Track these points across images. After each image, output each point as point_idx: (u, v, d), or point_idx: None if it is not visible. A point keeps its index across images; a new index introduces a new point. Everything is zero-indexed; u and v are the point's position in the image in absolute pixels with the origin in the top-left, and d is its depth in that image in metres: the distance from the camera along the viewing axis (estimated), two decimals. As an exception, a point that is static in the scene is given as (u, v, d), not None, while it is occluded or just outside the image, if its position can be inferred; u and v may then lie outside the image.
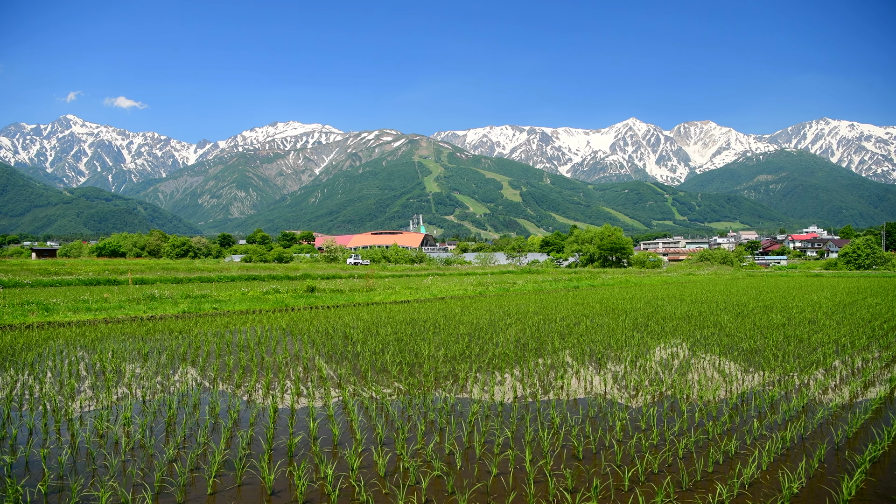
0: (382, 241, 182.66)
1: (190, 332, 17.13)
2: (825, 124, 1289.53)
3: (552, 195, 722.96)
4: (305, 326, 18.36)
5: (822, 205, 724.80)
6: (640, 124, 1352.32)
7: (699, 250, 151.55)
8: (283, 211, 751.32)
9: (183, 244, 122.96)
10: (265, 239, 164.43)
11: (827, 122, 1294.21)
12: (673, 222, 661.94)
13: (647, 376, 10.83)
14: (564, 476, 6.09)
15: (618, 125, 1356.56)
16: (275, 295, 29.64)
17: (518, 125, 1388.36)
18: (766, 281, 58.64)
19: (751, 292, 35.87)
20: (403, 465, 6.42)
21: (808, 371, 11.24)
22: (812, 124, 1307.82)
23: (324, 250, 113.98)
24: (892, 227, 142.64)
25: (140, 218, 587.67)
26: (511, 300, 29.67)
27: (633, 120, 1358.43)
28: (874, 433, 7.49)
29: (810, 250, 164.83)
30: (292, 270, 61.97)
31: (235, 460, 6.42)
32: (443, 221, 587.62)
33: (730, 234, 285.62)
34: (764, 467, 6.36)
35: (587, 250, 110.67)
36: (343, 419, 8.25)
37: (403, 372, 11.05)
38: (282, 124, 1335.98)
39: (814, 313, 22.06)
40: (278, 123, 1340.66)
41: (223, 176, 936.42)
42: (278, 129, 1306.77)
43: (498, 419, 8.21)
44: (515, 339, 15.17)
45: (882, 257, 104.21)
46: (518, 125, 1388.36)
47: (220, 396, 9.50)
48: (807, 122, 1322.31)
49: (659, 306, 25.16)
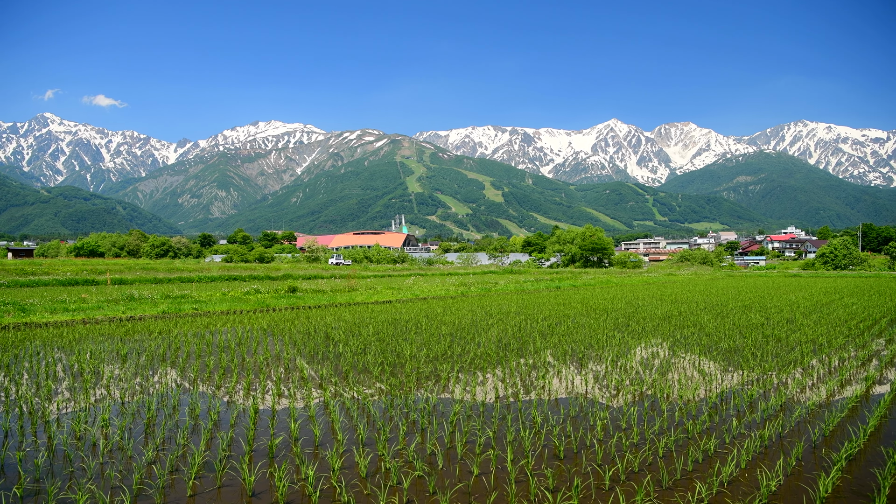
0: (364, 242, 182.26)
1: (170, 332, 16.98)
2: (803, 126, 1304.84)
3: (534, 196, 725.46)
4: (287, 327, 18.28)
5: (800, 206, 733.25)
6: (622, 125, 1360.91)
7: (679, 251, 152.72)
8: (265, 211, 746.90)
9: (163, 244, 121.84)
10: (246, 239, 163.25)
11: (805, 124, 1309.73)
12: (654, 223, 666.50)
13: (628, 376, 10.89)
14: (546, 475, 6.11)
15: (599, 126, 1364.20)
16: (256, 295, 29.46)
17: (500, 126, 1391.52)
18: (745, 281, 59.23)
19: (730, 292, 36.21)
20: (385, 466, 6.42)
21: (787, 370, 11.37)
22: (790, 126, 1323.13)
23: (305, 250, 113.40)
24: (868, 228, 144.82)
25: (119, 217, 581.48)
26: (493, 300, 29.72)
27: (615, 121, 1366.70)
28: (850, 431, 7.59)
29: (788, 251, 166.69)
30: (274, 271, 61.63)
31: (215, 462, 6.38)
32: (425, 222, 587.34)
33: (710, 234, 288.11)
34: (743, 466, 6.43)
35: (569, 251, 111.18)
36: (324, 420, 8.22)
37: (385, 372, 11.03)
38: (263, 123, 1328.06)
39: (792, 313, 22.32)
40: (260, 123, 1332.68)
41: (204, 175, 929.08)
42: (260, 129, 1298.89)
43: (479, 419, 8.22)
44: (497, 339, 15.20)
45: (858, 258, 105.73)
46: (500, 126, 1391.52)
47: (201, 397, 9.43)
48: (785, 124, 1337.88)
49: (640, 306, 25.33)
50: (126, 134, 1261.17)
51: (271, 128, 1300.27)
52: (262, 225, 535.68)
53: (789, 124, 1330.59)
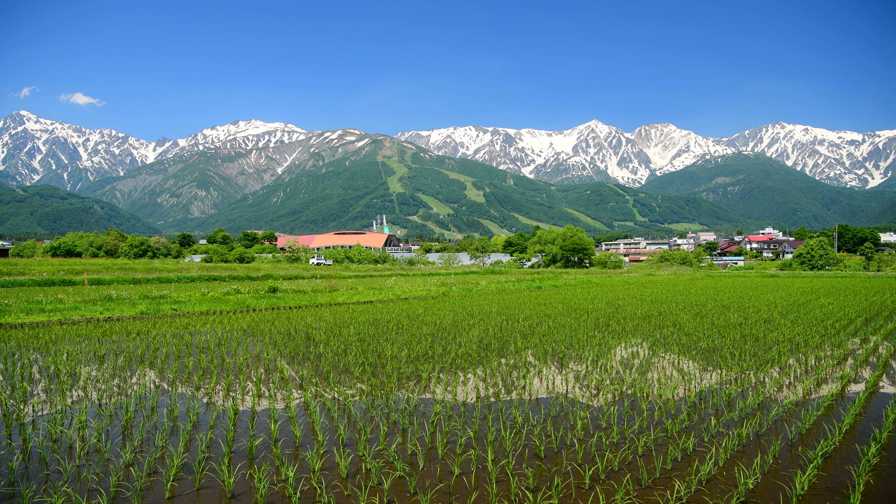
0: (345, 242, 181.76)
1: (148, 333, 16.81)
2: (781, 128, 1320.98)
3: (515, 196, 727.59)
4: (267, 327, 18.18)
5: (777, 207, 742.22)
6: (602, 126, 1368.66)
7: (659, 251, 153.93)
8: (245, 210, 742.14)
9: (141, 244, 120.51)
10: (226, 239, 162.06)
11: (783, 126, 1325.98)
12: (634, 223, 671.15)
13: (608, 375, 10.95)
14: (526, 475, 6.13)
15: (580, 127, 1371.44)
16: (236, 295, 29.26)
17: (482, 126, 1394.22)
18: (723, 281, 59.79)
19: (709, 292, 36.54)
20: (365, 467, 6.40)
21: (764, 369, 11.49)
22: (768, 128, 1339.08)
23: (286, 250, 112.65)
24: (844, 229, 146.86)
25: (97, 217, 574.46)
26: (474, 300, 29.75)
27: (596, 122, 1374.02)
28: (826, 429, 7.69)
29: (766, 251, 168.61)
30: (254, 271, 61.22)
31: (194, 463, 6.33)
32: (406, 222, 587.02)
33: (689, 235, 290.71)
34: (721, 464, 6.49)
35: (550, 251, 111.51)
36: (305, 421, 8.18)
37: (366, 373, 11.01)
38: (243, 123, 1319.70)
39: (769, 313, 22.57)
40: (240, 122, 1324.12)
41: (183, 175, 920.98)
42: (240, 128, 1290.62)
43: (460, 419, 8.23)
44: (478, 339, 15.22)
45: (834, 258, 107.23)
46: (482, 126, 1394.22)
47: (180, 399, 9.35)
48: (763, 126, 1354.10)
49: (620, 306, 25.48)
50: (104, 132, 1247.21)
51: (252, 127, 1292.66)
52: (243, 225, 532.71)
53: (767, 126, 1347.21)
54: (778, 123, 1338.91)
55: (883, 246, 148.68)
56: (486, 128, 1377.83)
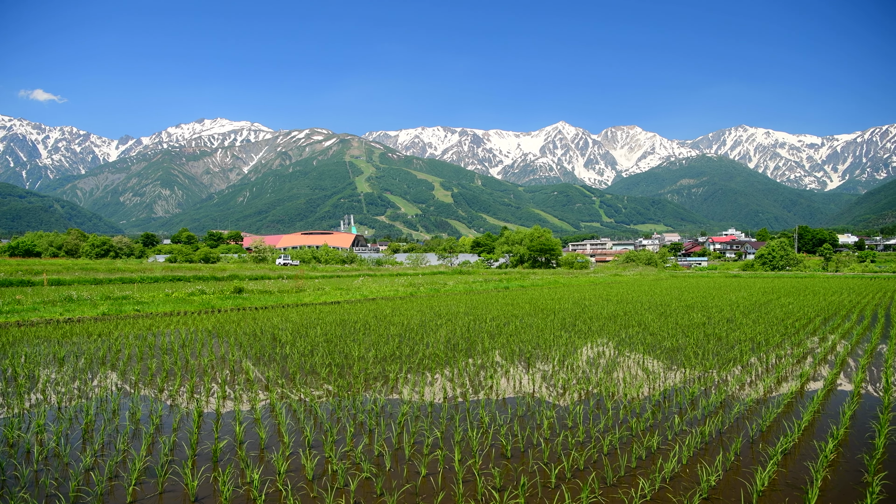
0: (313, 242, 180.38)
1: (110, 334, 16.51)
2: (743, 131, 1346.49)
3: (483, 196, 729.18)
4: (232, 328, 17.97)
5: (740, 208, 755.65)
6: (569, 128, 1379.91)
7: (625, 252, 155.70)
8: (210, 210, 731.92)
9: (103, 244, 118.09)
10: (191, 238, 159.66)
11: (745, 129, 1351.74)
12: (600, 224, 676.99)
13: (575, 375, 11.04)
14: (493, 475, 6.15)
15: (547, 128, 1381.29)
16: (201, 296, 28.88)
17: (450, 126, 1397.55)
18: (687, 281, 60.69)
19: (673, 292, 37.06)
20: (332, 468, 6.37)
21: (727, 368, 11.70)
22: (731, 131, 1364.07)
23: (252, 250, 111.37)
24: (804, 231, 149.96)
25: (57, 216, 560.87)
26: (442, 301, 29.78)
27: (563, 123, 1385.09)
28: (786, 426, 7.85)
29: (729, 252, 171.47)
30: (219, 271, 60.47)
31: (157, 467, 6.24)
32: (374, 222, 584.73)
33: (654, 235, 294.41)
34: (684, 461, 6.58)
35: (517, 251, 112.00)
36: (271, 422, 8.11)
37: (333, 374, 10.94)
38: (209, 121, 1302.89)
39: (732, 312, 22.98)
40: (205, 120, 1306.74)
41: (147, 173, 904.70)
42: (205, 126, 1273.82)
43: (428, 419, 8.23)
44: (446, 339, 15.23)
45: (795, 259, 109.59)
46: (450, 126, 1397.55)
47: (142, 401, 9.20)
48: (726, 129, 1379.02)
49: (586, 306, 25.71)
50: (65, 130, 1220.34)
51: (217, 125, 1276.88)
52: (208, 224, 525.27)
53: (730, 129, 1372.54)
54: (741, 126, 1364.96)
55: (840, 247, 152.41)
56: (454, 128, 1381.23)
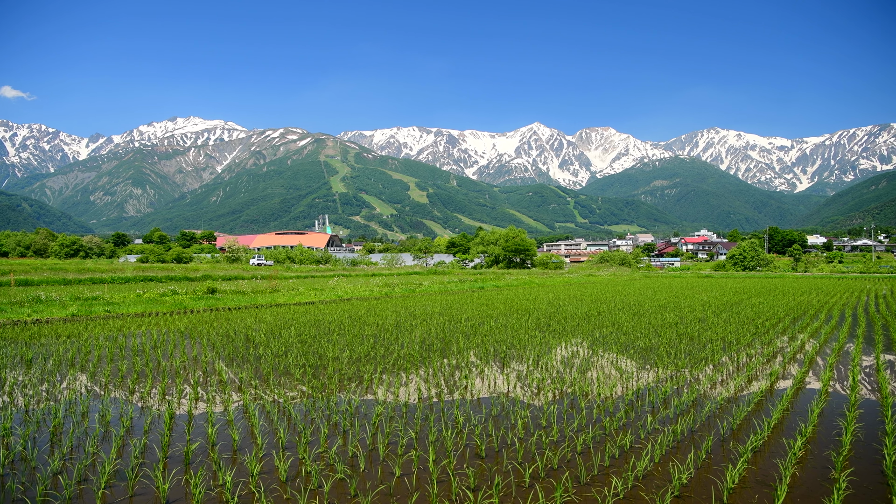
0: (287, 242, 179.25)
1: (80, 336, 16.26)
2: (715, 133, 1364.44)
3: (458, 197, 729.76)
4: (205, 329, 17.79)
5: (712, 209, 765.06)
6: (544, 129, 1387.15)
7: (599, 252, 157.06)
8: (183, 210, 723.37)
9: (73, 243, 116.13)
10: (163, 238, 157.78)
11: (717, 131, 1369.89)
12: (575, 225, 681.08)
13: (549, 375, 11.10)
14: (467, 475, 6.16)
15: (523, 129, 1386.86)
16: (173, 297, 28.55)
17: (425, 127, 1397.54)
18: (660, 282, 61.31)
19: (647, 292, 37.41)
20: (306, 469, 6.33)
21: (698, 367, 11.84)
22: (703, 133, 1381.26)
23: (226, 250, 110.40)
24: (774, 232, 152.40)
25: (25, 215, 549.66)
26: (417, 301, 29.75)
27: (538, 124, 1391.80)
28: (756, 424, 7.97)
29: (701, 252, 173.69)
30: (192, 271, 59.79)
31: (127, 470, 6.14)
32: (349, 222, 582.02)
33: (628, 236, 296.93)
34: (656, 460, 6.65)
35: (492, 251, 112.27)
36: (244, 424, 8.04)
37: (307, 374, 10.89)
38: (182, 119, 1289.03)
39: (704, 312, 23.26)
40: (178, 119, 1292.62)
41: (118, 172, 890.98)
42: (178, 125, 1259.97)
43: (402, 420, 8.21)
44: (421, 339, 15.23)
45: (765, 259, 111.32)
46: (425, 127, 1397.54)
47: (113, 403, 9.07)
48: (699, 131, 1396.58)
49: (561, 306, 25.85)
50: (33, 127, 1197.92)
51: (190, 124, 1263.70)
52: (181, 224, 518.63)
53: (702, 131, 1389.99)
54: (713, 129, 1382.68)
55: (809, 248, 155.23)
56: (429, 129, 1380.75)
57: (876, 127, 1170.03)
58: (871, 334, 17.57)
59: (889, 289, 45.15)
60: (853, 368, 11.56)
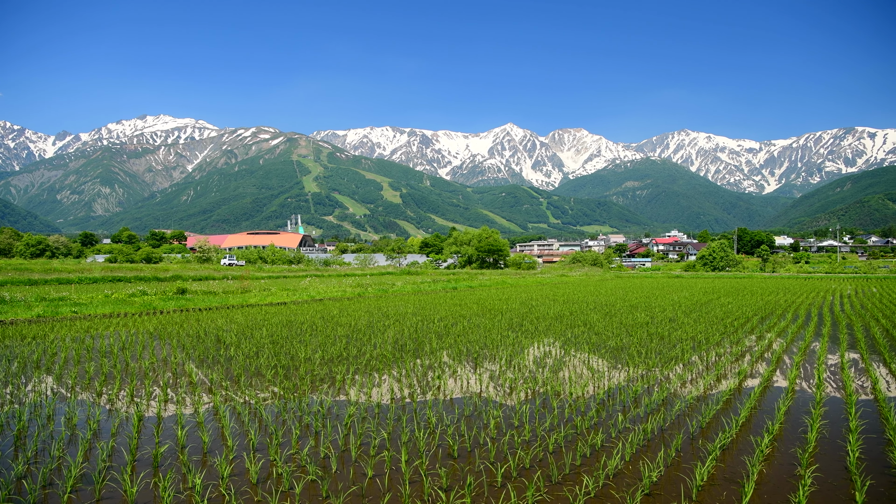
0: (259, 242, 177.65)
1: (45, 337, 15.97)
2: (686, 135, 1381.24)
3: (432, 197, 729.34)
4: (175, 330, 17.57)
5: (682, 210, 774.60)
6: (518, 130, 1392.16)
7: (572, 252, 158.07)
8: (153, 209, 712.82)
9: (39, 243, 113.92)
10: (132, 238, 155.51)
11: (687, 133, 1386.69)
12: (547, 225, 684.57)
13: (522, 374, 11.15)
14: (440, 475, 6.16)
15: (496, 130, 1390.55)
16: (142, 297, 28.16)
17: (399, 127, 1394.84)
18: (632, 282, 61.91)
19: (618, 293, 37.74)
20: (277, 471, 6.29)
21: (669, 366, 11.97)
22: (674, 135, 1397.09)
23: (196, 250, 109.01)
24: (743, 233, 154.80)
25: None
26: (390, 301, 29.70)
27: (511, 125, 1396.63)
28: (724, 422, 8.08)
29: (672, 253, 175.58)
30: (162, 271, 58.99)
31: (94, 473, 6.05)
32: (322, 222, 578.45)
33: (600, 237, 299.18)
34: (627, 458, 6.71)
35: (465, 252, 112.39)
36: (214, 426, 7.96)
37: (279, 375, 10.81)
38: (151, 118, 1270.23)
39: (674, 312, 23.54)
40: (147, 117, 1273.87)
41: (85, 170, 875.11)
42: (147, 123, 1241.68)
43: (374, 421, 8.19)
44: (394, 340, 15.20)
45: (734, 260, 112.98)
46: (399, 127, 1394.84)
47: (79, 406, 8.92)
48: (670, 133, 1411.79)
49: (533, 306, 25.98)
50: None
51: (160, 122, 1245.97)
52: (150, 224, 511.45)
53: (673, 133, 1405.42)
54: (683, 131, 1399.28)
55: (777, 248, 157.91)
56: (403, 129, 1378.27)
57: (841, 130, 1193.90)
58: (836, 333, 17.93)
59: (854, 289, 46.11)
60: (819, 367, 11.78)
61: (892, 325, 19.44)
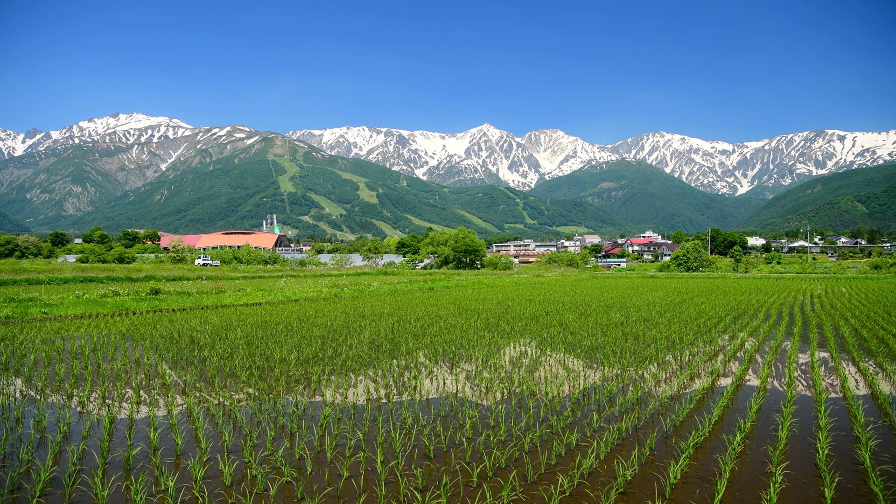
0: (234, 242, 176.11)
1: (14, 338, 15.68)
2: (660, 137, 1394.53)
3: (408, 197, 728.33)
4: (148, 331, 17.36)
5: (657, 211, 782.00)
6: (494, 130, 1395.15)
7: (548, 253, 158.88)
8: (126, 208, 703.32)
9: (8, 242, 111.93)
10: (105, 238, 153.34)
11: (662, 135, 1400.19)
12: (524, 226, 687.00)
13: (498, 375, 11.18)
14: (415, 475, 6.16)
15: (473, 130, 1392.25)
16: (114, 298, 27.79)
17: (375, 126, 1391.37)
18: (607, 282, 62.35)
19: (594, 293, 37.99)
20: (251, 473, 6.24)
21: (643, 366, 12.08)
22: (649, 136, 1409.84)
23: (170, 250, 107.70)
24: (716, 233, 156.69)
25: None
26: (366, 302, 29.61)
27: (488, 126, 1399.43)
28: (697, 421, 8.17)
29: (647, 253, 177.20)
30: (135, 272, 58.26)
31: (64, 477, 5.96)
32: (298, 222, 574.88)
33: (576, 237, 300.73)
34: (602, 457, 6.76)
35: (442, 252, 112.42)
36: (188, 428, 7.88)
37: (254, 376, 10.72)
38: (124, 116, 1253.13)
39: (649, 312, 23.75)
40: (120, 115, 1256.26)
41: (56, 169, 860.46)
42: (120, 121, 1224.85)
43: (350, 422, 8.17)
44: (370, 340, 15.16)
45: (708, 260, 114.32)
46: (375, 126, 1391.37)
47: (49, 408, 8.78)
48: (645, 135, 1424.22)
49: (510, 307, 26.06)
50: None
51: (133, 120, 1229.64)
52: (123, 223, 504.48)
53: (648, 134, 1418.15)
54: (658, 132, 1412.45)
55: (750, 249, 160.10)
56: (379, 128, 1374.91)
57: (812, 133, 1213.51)
58: (806, 333, 18.22)
59: (824, 289, 46.88)
60: (790, 366, 11.96)
61: (860, 325, 19.82)
